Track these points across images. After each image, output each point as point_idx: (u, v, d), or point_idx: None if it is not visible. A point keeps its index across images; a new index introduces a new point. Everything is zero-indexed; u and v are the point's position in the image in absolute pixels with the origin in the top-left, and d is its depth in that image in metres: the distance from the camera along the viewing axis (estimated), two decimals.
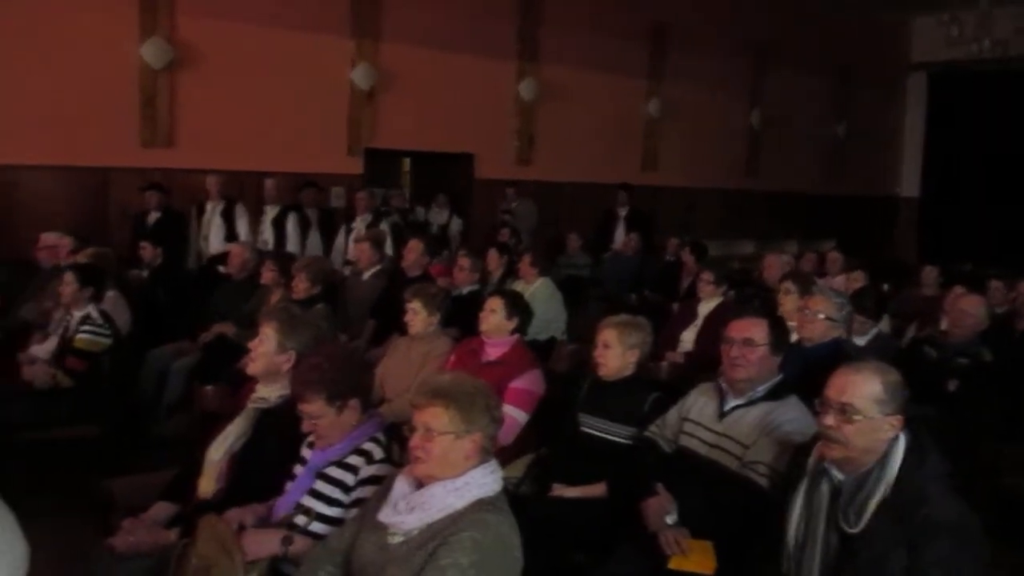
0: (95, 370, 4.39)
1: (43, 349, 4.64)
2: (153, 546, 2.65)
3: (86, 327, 4.41)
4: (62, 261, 5.63)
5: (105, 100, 7.47)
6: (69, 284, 4.51)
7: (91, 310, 4.49)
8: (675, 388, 3.54)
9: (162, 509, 2.88)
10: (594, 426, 3.34)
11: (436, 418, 2.14)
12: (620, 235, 9.18)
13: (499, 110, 9.70)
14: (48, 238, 6.20)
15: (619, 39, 10.31)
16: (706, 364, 4.12)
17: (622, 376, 3.40)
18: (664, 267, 8.26)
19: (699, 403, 3.10)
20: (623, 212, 9.50)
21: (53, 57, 7.17)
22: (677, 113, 10.94)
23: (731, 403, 2.99)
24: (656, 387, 3.50)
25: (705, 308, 5.46)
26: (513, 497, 2.51)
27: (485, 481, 2.15)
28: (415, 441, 2.15)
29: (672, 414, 3.17)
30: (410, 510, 2.13)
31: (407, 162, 10.77)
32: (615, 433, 3.30)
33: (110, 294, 4.88)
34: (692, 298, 5.81)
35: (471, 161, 9.66)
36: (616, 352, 3.37)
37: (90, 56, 7.36)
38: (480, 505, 2.11)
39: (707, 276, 5.58)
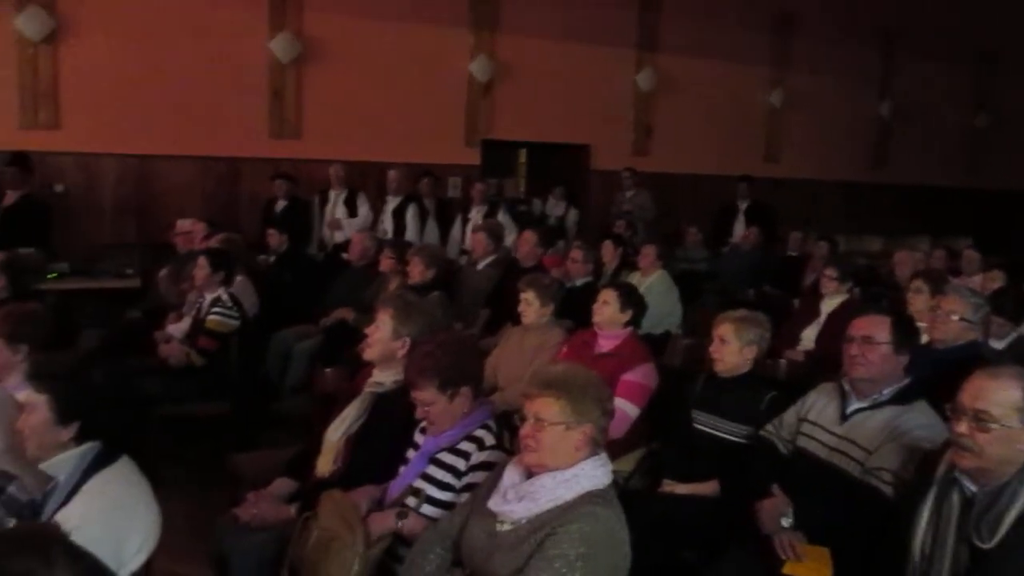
0: (225, 350, 4.62)
1: (178, 329, 4.92)
2: (275, 519, 2.77)
3: (217, 309, 4.64)
4: (196, 246, 5.94)
5: (236, 93, 7.82)
6: (202, 268, 4.76)
7: (222, 293, 4.72)
8: (793, 387, 3.42)
9: (283, 485, 3.01)
10: (708, 423, 3.28)
11: (547, 408, 2.13)
12: (740, 228, 8.93)
13: (616, 100, 9.61)
14: (183, 224, 6.56)
15: (741, 27, 10.02)
16: (827, 364, 3.96)
17: (738, 373, 3.31)
18: (785, 262, 8.01)
19: (819, 404, 2.99)
20: (743, 205, 9.25)
21: (189, 53, 7.55)
22: (801, 103, 10.55)
23: (854, 405, 2.87)
24: (773, 386, 3.40)
25: (828, 305, 5.25)
26: (622, 491, 2.49)
27: (595, 474, 2.14)
28: (526, 430, 2.16)
29: (790, 414, 3.07)
30: (519, 499, 2.14)
31: (523, 153, 10.81)
32: (729, 431, 3.23)
33: (239, 278, 5.11)
34: (815, 295, 5.60)
35: (587, 152, 9.61)
36: (733, 348, 3.29)
37: (222, 51, 7.71)
38: (590, 498, 2.10)
39: (831, 272, 5.37)
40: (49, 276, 6.48)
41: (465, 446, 2.60)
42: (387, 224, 7.70)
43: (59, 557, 1.21)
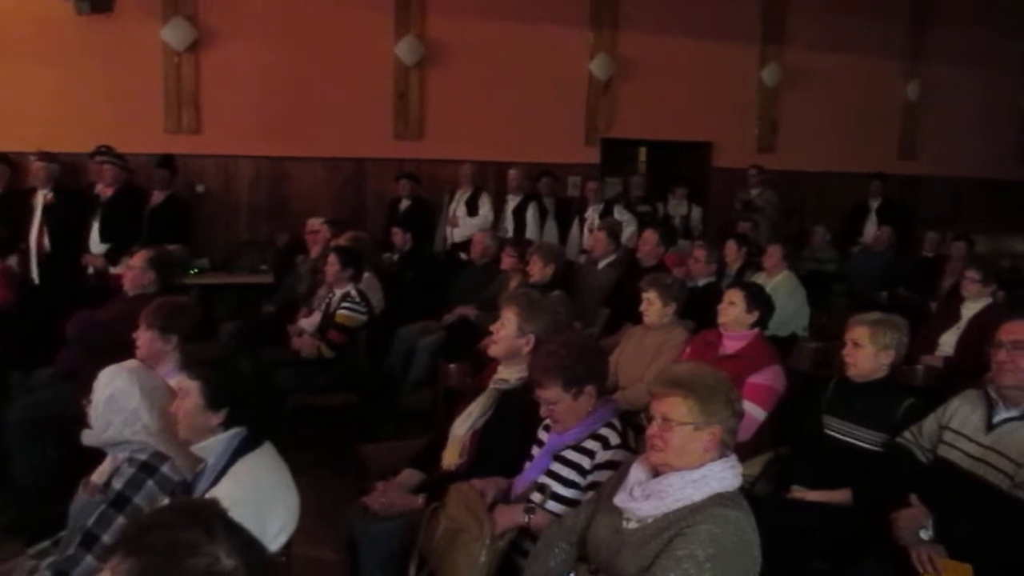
0: (353, 344, 4.78)
1: (309, 322, 5.13)
2: (403, 508, 2.85)
3: (346, 304, 4.81)
4: (325, 244, 6.16)
5: (363, 97, 8.08)
6: (332, 265, 4.94)
7: (351, 289, 4.89)
8: (931, 394, 3.27)
9: (410, 476, 3.09)
10: (840, 429, 3.16)
11: (675, 408, 2.11)
12: (871, 228, 8.56)
13: (739, 97, 9.37)
14: (313, 223, 6.83)
15: (872, 18, 9.58)
16: (969, 370, 3.76)
17: (873, 378, 3.18)
18: (920, 263, 7.62)
19: (962, 412, 2.84)
20: (875, 204, 8.86)
21: (319, 59, 7.85)
22: (939, 96, 9.99)
23: (1001, 415, 2.71)
24: (911, 392, 3.25)
25: (970, 309, 4.97)
26: (748, 495, 2.44)
27: (724, 475, 2.10)
28: (653, 430, 2.14)
29: (929, 422, 2.93)
30: (646, 497, 2.13)
31: (643, 151, 10.70)
32: (863, 438, 3.11)
33: (367, 275, 5.28)
34: (954, 298, 5.31)
35: (709, 150, 9.43)
36: (867, 352, 3.16)
37: (351, 57, 7.98)
38: (719, 499, 2.07)
39: (973, 274, 5.07)
40: (191, 271, 6.88)
41: (590, 444, 2.61)
42: (508, 223, 7.78)
43: (219, 531, 1.29)
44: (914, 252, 8.11)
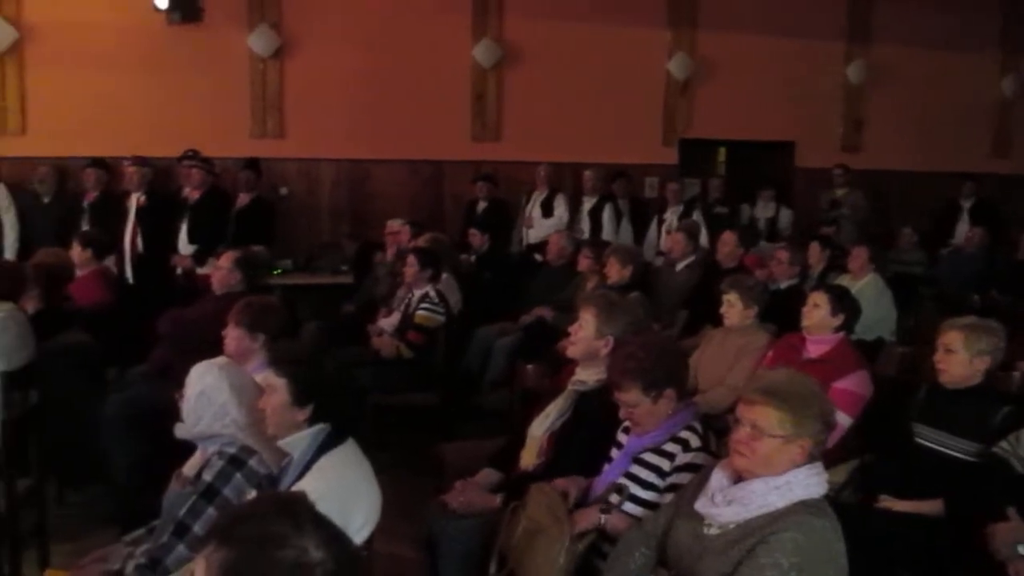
0: (432, 344, 4.84)
1: (388, 323, 5.21)
2: (481, 507, 2.87)
3: (425, 304, 4.87)
4: (404, 245, 6.25)
5: (441, 99, 8.16)
6: (411, 266, 5.01)
7: (429, 289, 4.95)
8: None
9: (489, 475, 3.11)
10: (931, 438, 3.05)
11: (766, 418, 2.05)
12: (963, 229, 8.24)
13: (824, 95, 9.12)
14: (393, 224, 6.94)
15: (964, 11, 9.21)
16: None
17: (967, 385, 3.06)
18: (1016, 266, 7.30)
19: None
20: (967, 204, 8.53)
21: (399, 63, 7.97)
22: None
23: None
24: (1007, 399, 3.11)
25: None
26: (832, 502, 2.37)
27: (809, 483, 2.05)
28: (740, 436, 2.09)
29: None
30: (728, 503, 2.09)
31: (723, 152, 10.53)
32: (956, 448, 2.99)
33: (445, 276, 5.33)
34: None
35: (791, 149, 9.21)
36: (961, 358, 3.04)
37: (429, 60, 8.08)
38: (803, 507, 2.01)
39: None
40: (274, 272, 7.06)
41: (670, 447, 2.58)
42: (583, 224, 7.76)
43: (308, 524, 1.32)
44: (1008, 254, 7.77)
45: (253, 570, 1.26)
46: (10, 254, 6.43)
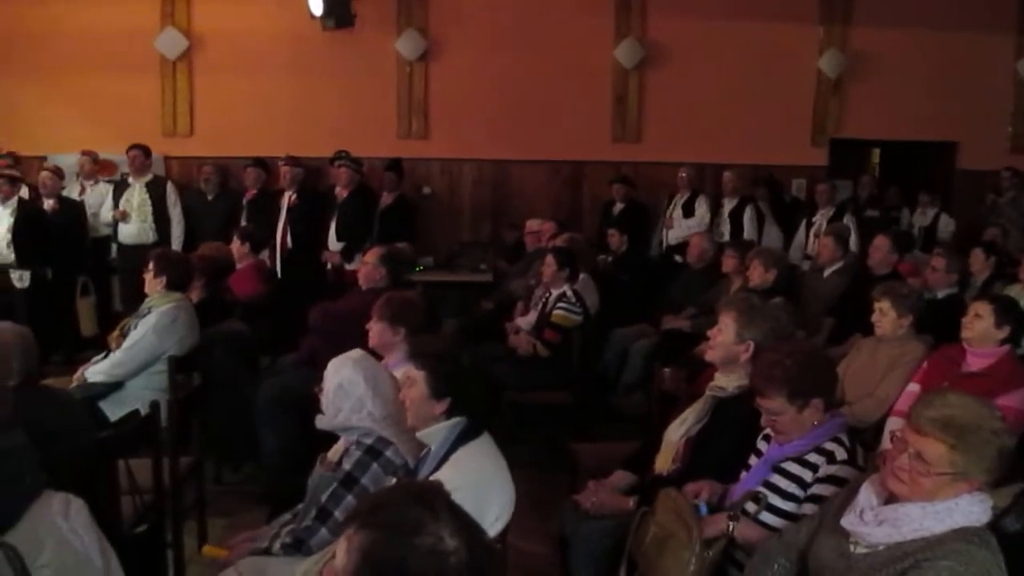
0: (568, 343, 4.85)
1: (525, 321, 5.26)
2: (614, 509, 2.85)
3: (562, 304, 4.89)
4: (543, 245, 6.29)
5: (582, 100, 8.17)
6: (549, 265, 5.04)
7: (567, 289, 4.97)
8: None
9: (622, 477, 3.09)
10: None
11: (935, 450, 1.88)
12: None
13: (991, 92, 8.49)
14: (532, 224, 7.01)
15: None
16: None
17: None
18: None
19: None
20: None
21: (541, 65, 8.04)
22: None
23: None
24: None
25: None
26: (993, 528, 2.20)
27: (972, 509, 1.90)
28: (902, 462, 1.93)
29: None
30: (878, 523, 1.97)
31: (876, 152, 10.02)
32: None
33: (582, 276, 5.33)
34: None
35: (952, 150, 8.64)
36: None
37: (571, 61, 8.09)
38: (963, 534, 1.87)
39: None
40: (416, 269, 7.28)
41: (813, 458, 2.48)
42: (724, 227, 7.56)
43: (444, 512, 1.35)
44: None
45: (391, 553, 1.30)
46: (176, 246, 6.92)
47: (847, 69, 8.32)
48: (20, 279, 6.43)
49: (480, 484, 2.32)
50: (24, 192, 6.72)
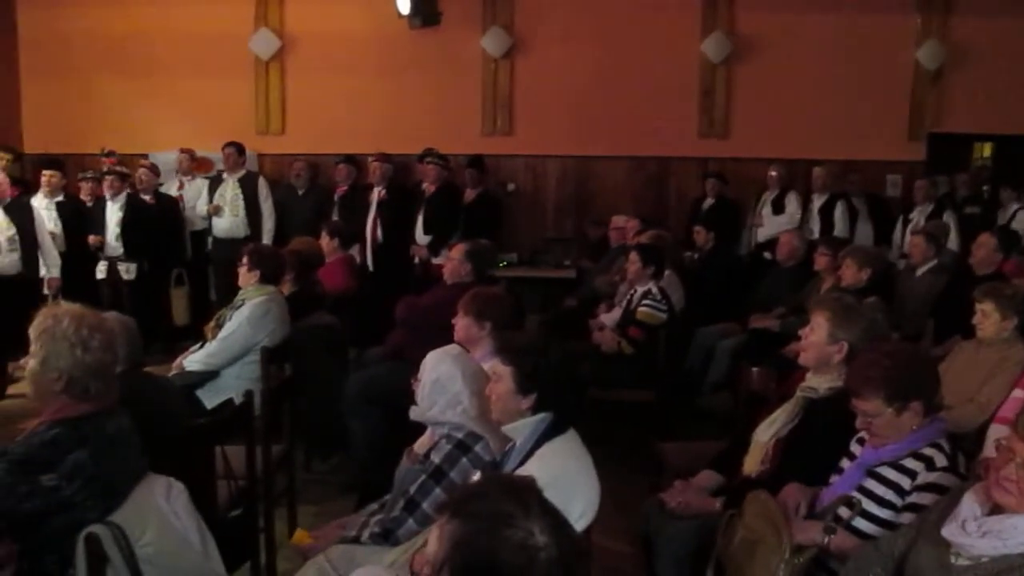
0: (653, 341, 4.80)
1: (609, 318, 5.23)
2: (700, 510, 2.81)
3: (647, 301, 4.84)
4: (628, 241, 6.24)
5: (668, 95, 8.06)
6: (634, 262, 5.00)
7: (652, 286, 4.92)
8: None
9: (709, 477, 3.04)
10: None
11: None
12: None
13: None
14: (617, 220, 6.96)
15: None
16: None
17: None
18: None
19: None
20: None
21: (627, 60, 7.97)
22: None
23: None
24: None
25: None
26: None
27: None
28: (1008, 472, 1.86)
29: None
30: (982, 534, 1.89)
31: (980, 147, 9.55)
32: None
33: (668, 273, 5.27)
34: None
35: None
36: None
37: (658, 56, 8.00)
38: None
39: None
40: (500, 264, 7.31)
41: (911, 464, 2.39)
42: (813, 224, 7.36)
43: (535, 508, 1.36)
44: None
45: (482, 545, 1.31)
46: (267, 239, 7.14)
47: (948, 60, 7.97)
48: (127, 271, 6.80)
49: (565, 480, 2.32)
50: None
